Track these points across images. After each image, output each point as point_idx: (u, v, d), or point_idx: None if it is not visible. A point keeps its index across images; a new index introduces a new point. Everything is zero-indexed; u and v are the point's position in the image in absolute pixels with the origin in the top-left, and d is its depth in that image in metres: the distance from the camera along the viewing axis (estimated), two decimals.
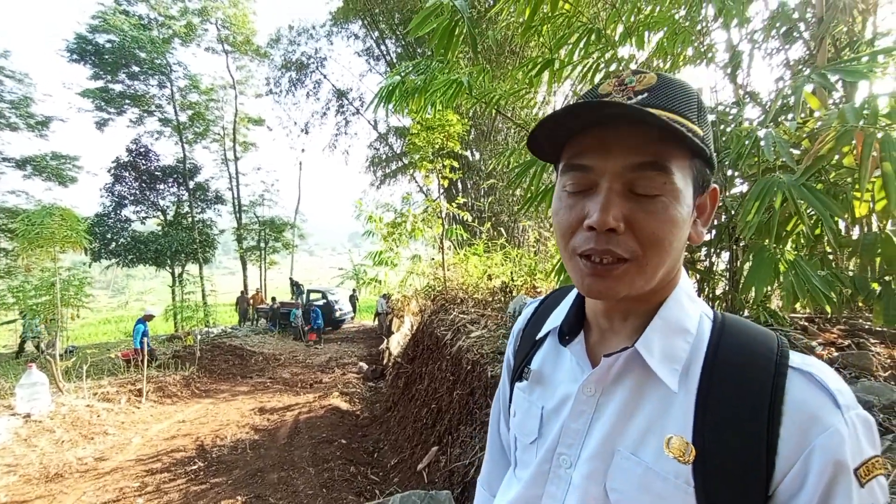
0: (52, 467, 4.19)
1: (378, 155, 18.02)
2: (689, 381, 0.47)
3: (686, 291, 0.52)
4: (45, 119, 16.24)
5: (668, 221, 0.45)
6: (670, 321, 0.50)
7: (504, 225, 9.33)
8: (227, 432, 5.15)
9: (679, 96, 0.46)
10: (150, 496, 3.66)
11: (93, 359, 7.64)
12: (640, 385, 0.49)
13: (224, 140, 20.97)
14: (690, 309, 0.51)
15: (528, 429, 0.59)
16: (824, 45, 2.49)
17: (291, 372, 8.90)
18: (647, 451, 0.46)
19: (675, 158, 0.45)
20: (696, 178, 0.48)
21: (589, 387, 0.52)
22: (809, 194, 1.51)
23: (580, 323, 0.58)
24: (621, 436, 0.48)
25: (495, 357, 3.25)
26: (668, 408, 0.47)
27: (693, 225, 0.50)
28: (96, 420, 5.47)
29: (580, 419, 0.52)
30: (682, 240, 0.47)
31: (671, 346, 0.48)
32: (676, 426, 0.46)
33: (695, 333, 0.49)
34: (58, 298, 6.69)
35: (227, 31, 19.38)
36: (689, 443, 0.44)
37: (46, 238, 6.59)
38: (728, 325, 0.50)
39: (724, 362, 0.46)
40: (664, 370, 0.47)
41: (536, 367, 0.62)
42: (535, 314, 0.70)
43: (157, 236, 17.52)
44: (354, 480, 3.85)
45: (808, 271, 1.59)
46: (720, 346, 0.48)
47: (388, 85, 2.85)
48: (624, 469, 0.47)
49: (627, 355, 0.49)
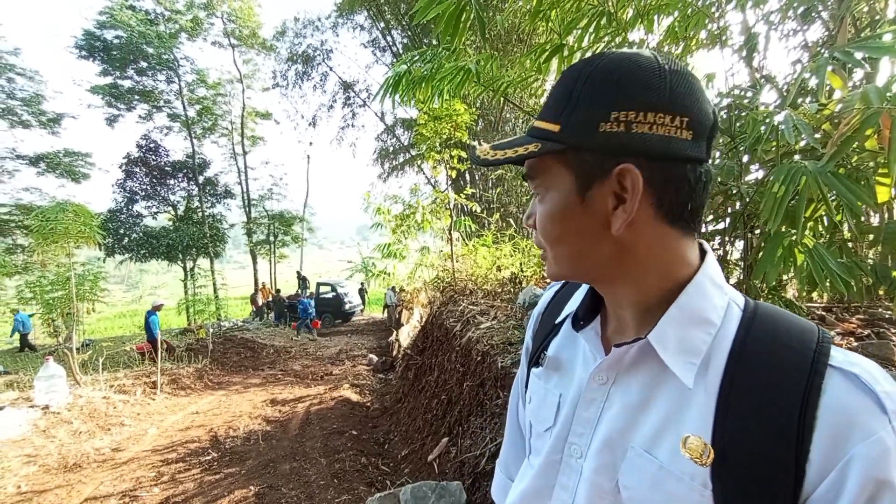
0: (70, 457, 4.31)
1: (385, 147, 18.01)
2: (709, 376, 0.43)
3: (711, 277, 0.48)
4: (56, 116, 16.44)
5: (545, 216, 0.49)
6: (689, 310, 0.46)
7: (513, 216, 9.26)
8: (239, 423, 5.24)
9: (552, 97, 0.48)
10: (165, 485, 3.74)
11: (108, 352, 7.79)
12: (655, 377, 0.46)
13: (232, 134, 21.06)
14: (715, 297, 0.47)
15: (543, 416, 0.57)
16: (845, 24, 2.39)
17: (302, 364, 9.00)
18: (661, 449, 0.44)
19: (539, 164, 0.49)
20: (578, 169, 0.46)
21: (600, 375, 0.50)
22: (837, 181, 1.45)
23: (596, 309, 0.56)
24: (634, 431, 0.46)
25: (505, 348, 3.23)
26: (686, 404, 0.44)
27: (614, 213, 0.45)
28: (113, 411, 5.59)
29: (591, 408, 0.50)
30: (583, 231, 0.47)
31: (688, 339, 0.45)
32: (694, 425, 0.42)
33: (719, 324, 0.45)
34: (73, 293, 6.82)
35: (233, 24, 19.36)
36: (707, 444, 0.41)
37: (60, 234, 6.71)
38: (760, 314, 0.46)
39: (752, 356, 0.42)
40: (679, 364, 0.44)
41: (553, 353, 0.60)
42: (555, 297, 0.67)
43: (169, 231, 17.73)
44: (365, 471, 3.89)
45: (826, 258, 1.54)
46: (748, 338, 0.44)
47: (395, 74, 2.81)
48: (637, 466, 0.45)
49: (640, 346, 0.47)
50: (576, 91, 0.45)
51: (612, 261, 0.48)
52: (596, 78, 0.45)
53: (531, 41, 7.57)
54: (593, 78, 0.45)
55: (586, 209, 0.46)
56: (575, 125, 0.45)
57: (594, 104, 0.44)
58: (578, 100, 0.45)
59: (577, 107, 0.45)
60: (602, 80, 0.44)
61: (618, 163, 0.44)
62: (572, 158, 0.46)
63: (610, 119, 0.43)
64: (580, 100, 0.45)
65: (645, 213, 0.45)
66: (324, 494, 3.47)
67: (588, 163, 0.45)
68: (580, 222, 0.47)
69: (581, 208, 0.47)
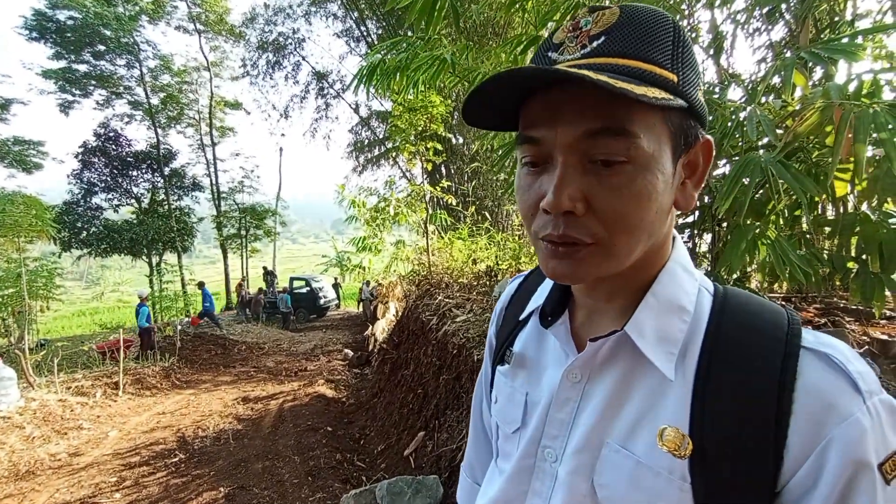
0: (22, 465, 4.06)
1: (360, 140, 17.69)
2: (686, 365, 0.42)
3: (681, 263, 0.46)
4: (4, 101, 15.35)
5: (634, 196, 0.38)
6: (664, 298, 0.44)
7: (488, 209, 9.29)
8: (209, 423, 5.07)
9: (644, 35, 0.38)
10: (128, 490, 3.58)
11: (66, 352, 7.38)
12: (630, 370, 0.44)
13: (200, 125, 20.20)
14: (687, 283, 0.45)
15: (511, 417, 0.54)
16: (807, 24, 2.48)
17: (276, 360, 8.80)
18: (638, 443, 0.41)
19: (641, 117, 0.37)
20: (676, 135, 0.40)
21: (574, 373, 0.47)
22: (785, 171, 1.50)
23: (564, 302, 0.52)
24: (610, 427, 0.44)
25: (481, 341, 3.24)
26: (662, 395, 0.42)
27: (681, 188, 0.43)
28: (70, 414, 5.30)
29: (565, 408, 0.47)
30: (661, 211, 0.40)
31: (666, 328, 0.43)
32: (671, 416, 0.40)
33: (692, 311, 0.44)
34: (24, 290, 6.42)
35: (199, 8, 18.49)
36: (685, 435, 0.39)
37: (9, 227, 6.29)
38: (730, 299, 0.44)
39: (726, 343, 0.41)
40: (659, 355, 0.42)
41: (519, 349, 0.56)
42: (518, 290, 0.64)
43: (132, 225, 16.89)
44: (340, 468, 3.84)
45: (787, 249, 1.60)
46: (721, 324, 0.42)
47: (369, 64, 2.74)
48: (612, 463, 0.42)
49: (616, 339, 0.44)
50: (680, 41, 0.39)
51: (652, 246, 0.43)
52: (684, 34, 0.40)
53: (507, 34, 7.56)
54: (682, 33, 0.40)
55: (673, 182, 0.42)
56: (690, 81, 0.40)
57: (695, 63, 0.40)
58: (685, 53, 0.39)
59: (687, 61, 0.39)
60: (685, 38, 0.40)
61: (701, 134, 0.42)
62: (676, 120, 0.40)
63: (700, 84, 0.40)
64: (686, 53, 0.39)
65: None
66: (297, 493, 3.40)
67: (687, 128, 0.41)
68: (667, 199, 0.41)
69: (672, 181, 0.41)
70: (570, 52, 0.40)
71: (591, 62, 0.38)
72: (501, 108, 0.42)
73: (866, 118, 1.36)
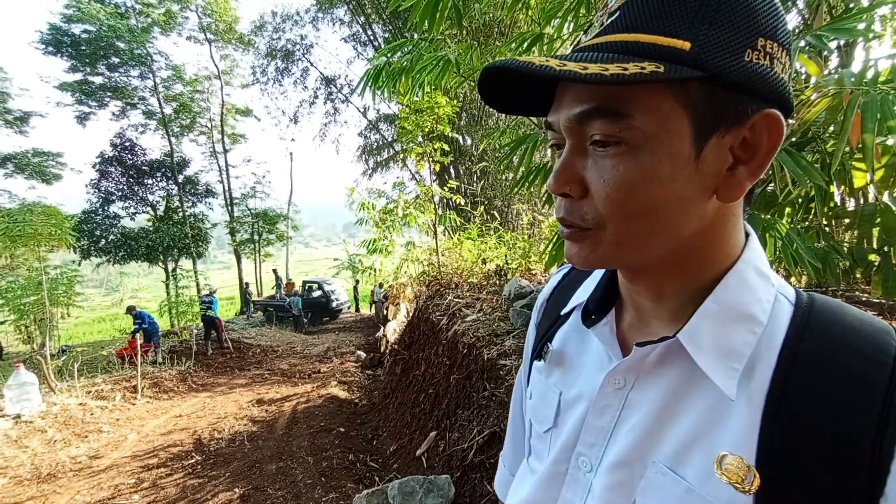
0: (44, 467, 4.15)
1: (369, 143, 17.80)
2: (753, 384, 0.36)
3: (754, 265, 0.40)
4: (23, 115, 15.84)
5: (628, 180, 0.34)
6: (728, 305, 0.38)
7: (497, 209, 9.27)
8: (224, 425, 5.13)
9: (657, 3, 0.34)
10: (146, 492, 3.64)
11: (86, 357, 7.55)
12: (683, 382, 0.39)
13: (212, 132, 20.60)
14: (760, 288, 0.39)
15: (544, 415, 0.51)
16: (820, 11, 2.41)
17: (289, 363, 8.88)
18: (690, 468, 0.37)
19: (638, 96, 0.34)
20: (701, 111, 0.34)
21: (617, 378, 0.43)
22: (790, 159, 1.46)
23: (611, 300, 0.47)
24: (656, 444, 0.39)
25: (491, 340, 3.22)
26: (722, 416, 0.36)
27: (728, 175, 0.36)
28: (90, 418, 5.42)
29: (605, 415, 0.43)
30: (676, 198, 0.35)
31: (728, 339, 0.37)
32: (733, 442, 0.35)
33: (765, 322, 0.38)
34: (46, 298, 6.58)
35: (209, 18, 18.85)
36: (750, 466, 0.34)
37: (30, 236, 6.46)
38: (818, 310, 0.38)
39: (809, 362, 0.35)
40: (717, 370, 0.37)
41: (557, 346, 0.53)
42: (560, 283, 0.60)
43: (148, 232, 17.28)
44: (353, 468, 3.85)
45: (796, 241, 1.55)
46: (804, 339, 0.36)
47: (375, 67, 2.75)
48: (659, 486, 0.38)
49: (666, 346, 0.39)
50: None
51: (691, 241, 0.38)
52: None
53: (512, 33, 7.54)
54: None
55: (698, 167, 0.35)
56: (716, 45, 0.33)
57: (742, 21, 0.33)
58: (719, 10, 0.33)
59: (717, 20, 0.33)
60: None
61: (756, 108, 0.34)
62: (697, 93, 0.34)
63: (757, 47, 0.33)
64: (721, 10, 0.33)
65: None
66: (311, 493, 3.42)
67: (720, 102, 0.34)
68: (685, 185, 0.35)
69: (693, 165, 0.35)
70: (593, 31, 0.38)
71: (600, 41, 0.36)
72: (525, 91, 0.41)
73: (874, 104, 1.31)
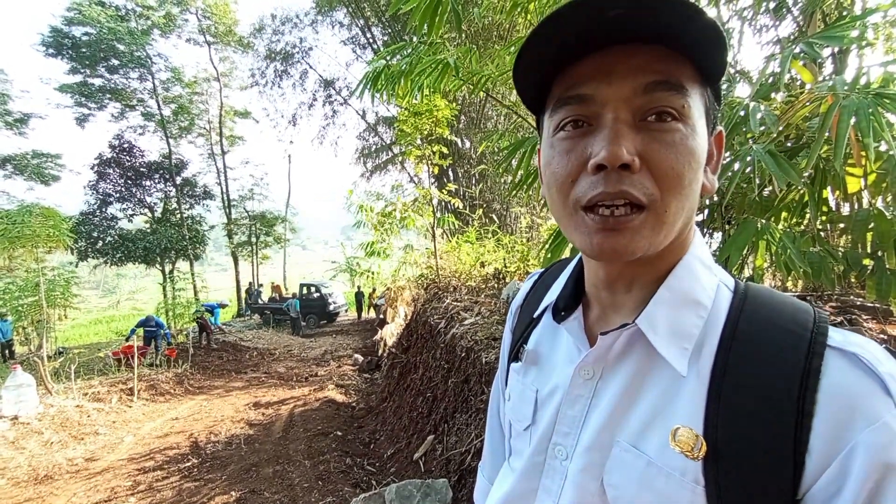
0: (41, 469, 4.14)
1: (367, 146, 17.82)
2: (701, 362, 0.40)
3: (699, 256, 0.45)
4: (23, 116, 15.82)
5: (687, 153, 0.38)
6: (679, 292, 0.43)
7: (496, 212, 9.29)
8: (221, 428, 5.11)
9: None
10: (142, 495, 3.62)
11: (83, 359, 7.52)
12: (644, 367, 0.43)
13: (210, 134, 20.56)
14: (704, 277, 0.44)
15: (522, 414, 0.53)
16: (814, 19, 2.45)
17: (286, 366, 8.87)
18: (649, 443, 0.40)
19: (689, 79, 0.39)
20: (710, 112, 0.41)
21: (586, 369, 0.46)
22: (771, 159, 1.48)
23: (578, 297, 0.51)
24: (621, 425, 0.42)
25: (489, 343, 3.23)
26: (676, 394, 0.40)
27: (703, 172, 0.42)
28: (86, 420, 5.40)
29: (576, 405, 0.46)
30: (699, 183, 0.41)
31: (680, 322, 0.41)
32: (685, 416, 0.39)
33: (709, 307, 0.42)
34: (43, 299, 6.56)
35: (208, 21, 18.87)
36: (699, 435, 0.38)
37: (28, 237, 6.44)
38: (752, 295, 0.42)
39: (745, 340, 0.39)
40: (671, 350, 0.41)
41: (532, 346, 0.56)
42: (534, 287, 0.63)
43: (146, 234, 17.22)
44: (350, 472, 3.84)
45: (790, 247, 1.57)
46: (740, 320, 0.40)
47: (373, 69, 2.76)
48: (623, 462, 0.41)
49: (630, 334, 0.43)
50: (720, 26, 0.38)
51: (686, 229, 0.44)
52: None
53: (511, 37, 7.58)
54: None
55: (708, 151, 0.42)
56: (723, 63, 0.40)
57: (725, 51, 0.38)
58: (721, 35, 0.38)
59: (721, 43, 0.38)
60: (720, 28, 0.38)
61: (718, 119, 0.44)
62: (706, 94, 0.41)
63: None
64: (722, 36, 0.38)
65: None
66: (308, 497, 3.41)
67: (713, 109, 0.43)
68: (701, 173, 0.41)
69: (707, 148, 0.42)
70: None
71: None
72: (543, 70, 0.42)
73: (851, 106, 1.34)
